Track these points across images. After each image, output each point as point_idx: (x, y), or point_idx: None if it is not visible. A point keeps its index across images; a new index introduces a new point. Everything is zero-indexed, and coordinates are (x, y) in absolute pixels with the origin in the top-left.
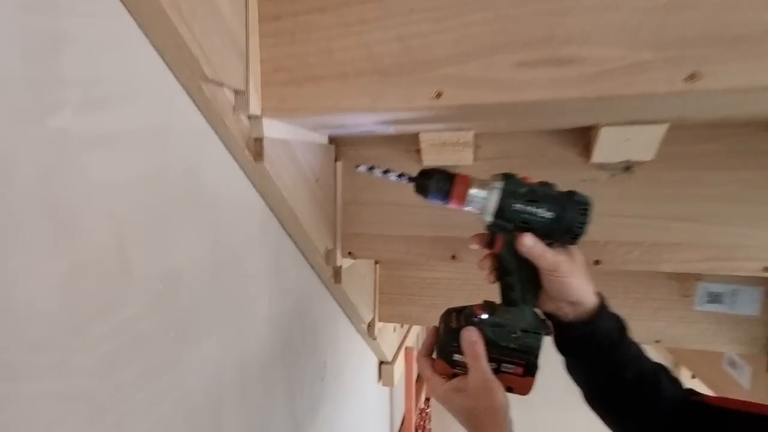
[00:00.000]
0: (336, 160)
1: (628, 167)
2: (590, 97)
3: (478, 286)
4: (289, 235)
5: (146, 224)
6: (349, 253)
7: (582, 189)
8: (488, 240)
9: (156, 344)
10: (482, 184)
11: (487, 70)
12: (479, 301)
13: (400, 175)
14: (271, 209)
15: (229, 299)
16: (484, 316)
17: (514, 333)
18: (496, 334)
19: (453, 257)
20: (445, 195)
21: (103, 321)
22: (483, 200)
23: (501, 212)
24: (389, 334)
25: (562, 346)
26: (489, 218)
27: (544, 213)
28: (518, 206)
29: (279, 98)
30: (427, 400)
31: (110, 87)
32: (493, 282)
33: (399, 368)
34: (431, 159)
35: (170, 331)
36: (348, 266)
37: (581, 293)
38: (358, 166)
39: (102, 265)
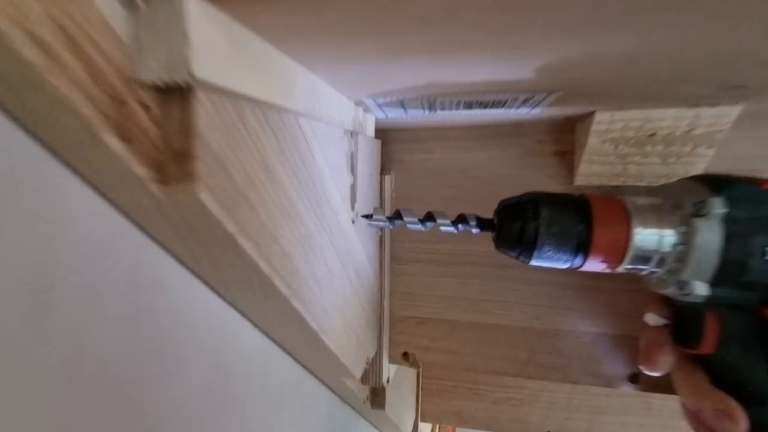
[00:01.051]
0: (382, 173)
1: None
2: None
3: None
4: (294, 358)
5: None
6: (404, 356)
7: None
8: (675, 332)
9: None
10: (660, 212)
11: None
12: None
13: (458, 222)
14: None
15: None
16: None
17: None
18: None
19: (634, 379)
20: (577, 247)
21: None
22: (676, 249)
23: (733, 271)
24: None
25: None
26: (700, 291)
27: None
28: None
29: None
30: None
31: None
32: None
33: None
34: (596, 171)
35: None
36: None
37: None
38: (369, 215)
39: None
